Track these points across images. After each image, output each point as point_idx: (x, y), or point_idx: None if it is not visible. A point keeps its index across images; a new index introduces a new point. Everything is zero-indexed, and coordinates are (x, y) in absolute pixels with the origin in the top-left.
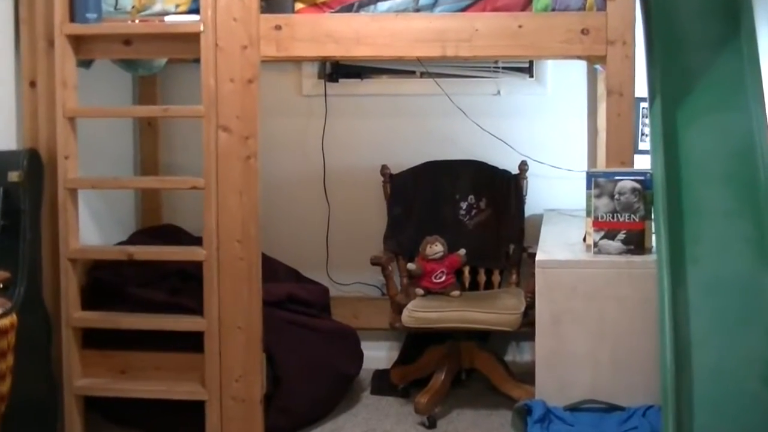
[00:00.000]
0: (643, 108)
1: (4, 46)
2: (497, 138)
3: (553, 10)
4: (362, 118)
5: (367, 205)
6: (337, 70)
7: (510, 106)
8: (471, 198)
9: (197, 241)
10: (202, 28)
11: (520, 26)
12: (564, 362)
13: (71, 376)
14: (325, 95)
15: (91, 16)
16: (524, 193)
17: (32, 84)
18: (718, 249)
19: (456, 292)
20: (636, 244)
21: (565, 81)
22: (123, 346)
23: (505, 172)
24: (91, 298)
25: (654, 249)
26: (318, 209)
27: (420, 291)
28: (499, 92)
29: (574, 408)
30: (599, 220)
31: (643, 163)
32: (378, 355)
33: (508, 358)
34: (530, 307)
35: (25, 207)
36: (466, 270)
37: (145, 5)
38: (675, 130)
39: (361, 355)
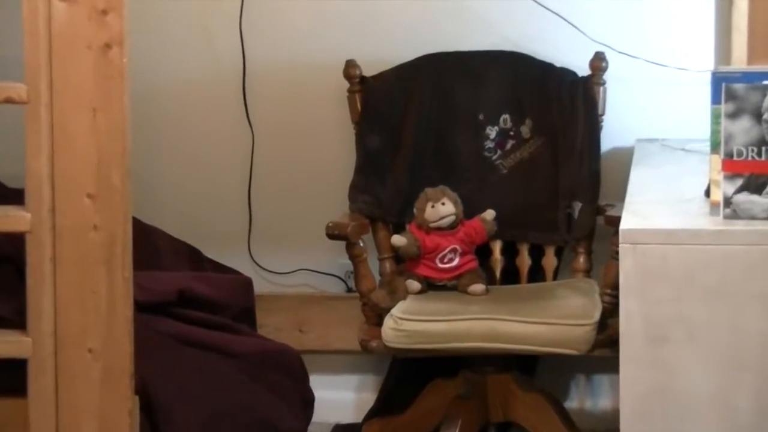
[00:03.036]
0: None
1: None
2: (552, 12)
3: None
4: None
5: (321, 133)
6: None
7: None
8: (506, 119)
9: (15, 196)
10: None
11: None
12: (672, 410)
13: None
14: None
15: None
16: (600, 112)
17: None
18: None
19: (479, 287)
20: None
21: None
22: None
23: (567, 74)
24: None
25: None
26: (234, 140)
27: (415, 284)
28: None
29: None
30: (735, 158)
31: None
32: (340, 398)
33: (571, 403)
34: (610, 313)
35: None
36: (497, 247)
37: None
38: None
39: (309, 398)
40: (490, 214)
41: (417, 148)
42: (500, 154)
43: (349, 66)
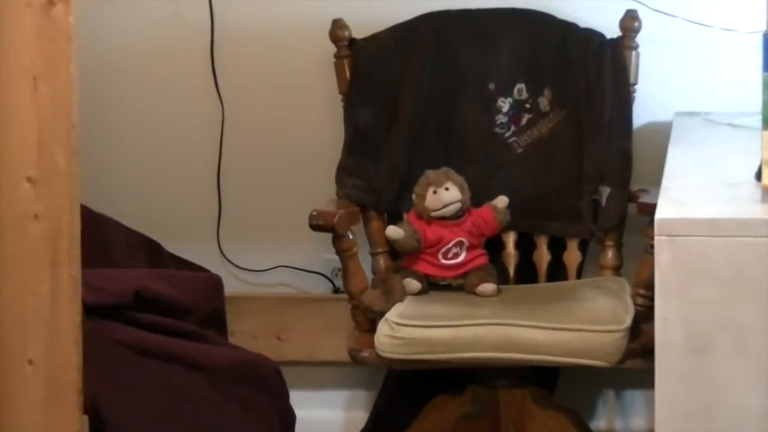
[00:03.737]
0: None
1: None
2: None
3: None
4: None
5: (302, 106)
6: None
7: None
8: (521, 89)
9: None
10: None
11: None
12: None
13: None
14: None
15: None
16: (632, 80)
17: None
18: None
19: (489, 287)
20: None
21: None
22: None
23: (593, 36)
24: None
25: None
26: (200, 114)
27: (414, 283)
28: None
29: None
30: None
31: None
32: (326, 417)
33: (598, 423)
34: (644, 317)
35: None
36: (511, 240)
37: None
38: None
39: (289, 417)
40: (502, 201)
41: (416, 124)
42: (514, 131)
43: (337, 26)
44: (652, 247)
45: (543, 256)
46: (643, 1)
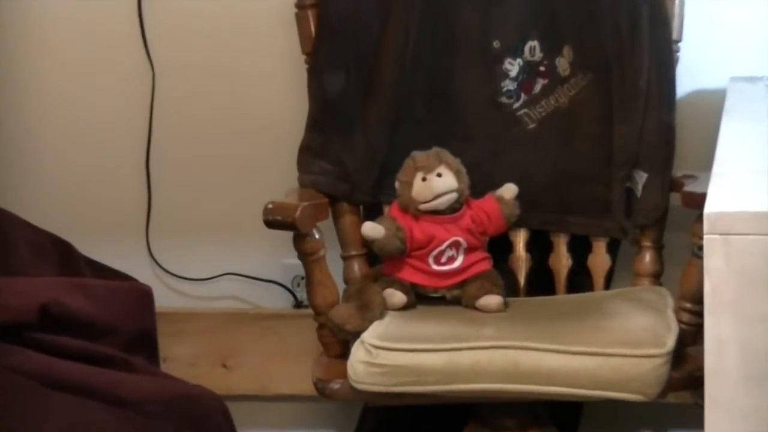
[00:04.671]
0: None
1: None
2: None
3: None
4: None
5: (255, 70)
6: None
7: None
8: (533, 48)
9: None
10: None
11: None
12: None
13: None
14: None
15: None
16: (676, 37)
17: None
18: None
19: (494, 299)
20: None
21: None
22: None
23: None
24: None
25: None
26: (125, 81)
27: (398, 295)
28: None
29: None
30: None
31: None
32: None
33: None
34: (691, 338)
35: None
36: (521, 239)
37: None
38: None
39: None
40: (509, 190)
41: (400, 92)
42: (525, 101)
43: None
44: (700, 248)
45: (562, 260)
46: None
